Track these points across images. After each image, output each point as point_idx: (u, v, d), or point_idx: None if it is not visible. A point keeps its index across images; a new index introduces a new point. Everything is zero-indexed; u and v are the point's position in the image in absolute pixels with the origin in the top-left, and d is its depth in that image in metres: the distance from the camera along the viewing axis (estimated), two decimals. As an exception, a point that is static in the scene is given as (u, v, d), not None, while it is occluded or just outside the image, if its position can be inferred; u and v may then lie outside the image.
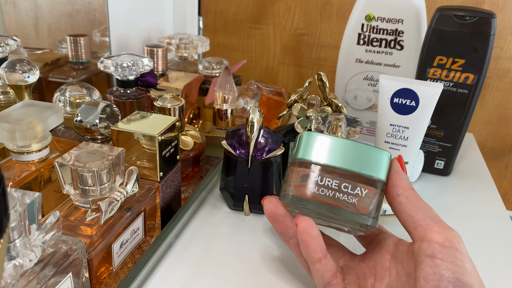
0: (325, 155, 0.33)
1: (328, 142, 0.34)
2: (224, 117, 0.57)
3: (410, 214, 0.31)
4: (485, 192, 0.56)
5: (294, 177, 0.34)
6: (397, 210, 0.32)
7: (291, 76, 0.98)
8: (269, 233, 0.45)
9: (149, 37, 0.81)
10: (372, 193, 0.33)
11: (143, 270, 0.37)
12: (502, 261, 0.44)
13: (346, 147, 0.33)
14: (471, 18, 0.51)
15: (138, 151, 0.42)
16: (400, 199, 0.32)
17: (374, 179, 0.33)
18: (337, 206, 0.32)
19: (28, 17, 0.64)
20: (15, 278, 0.26)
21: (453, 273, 0.28)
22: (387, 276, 0.33)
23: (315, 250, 0.31)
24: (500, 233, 0.48)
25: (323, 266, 0.32)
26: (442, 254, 0.28)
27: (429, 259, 0.29)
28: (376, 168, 0.33)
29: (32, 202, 0.26)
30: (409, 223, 0.31)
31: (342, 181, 0.33)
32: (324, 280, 0.32)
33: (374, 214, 0.33)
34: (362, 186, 0.33)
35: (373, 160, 0.33)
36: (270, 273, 0.40)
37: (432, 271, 0.28)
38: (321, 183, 0.33)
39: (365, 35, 0.61)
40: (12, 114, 0.36)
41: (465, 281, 0.27)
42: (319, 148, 0.34)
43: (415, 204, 0.31)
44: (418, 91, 0.48)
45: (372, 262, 0.35)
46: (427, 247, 0.29)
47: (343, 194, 0.32)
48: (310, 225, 0.31)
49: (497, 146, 0.93)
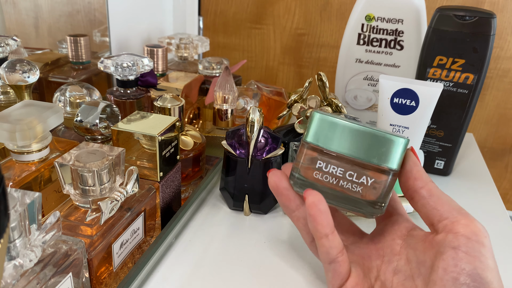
0: (333, 141, 0.32)
1: (339, 127, 0.32)
2: (224, 117, 0.57)
3: (435, 207, 0.31)
4: (485, 192, 0.56)
5: (303, 159, 0.33)
6: (420, 204, 0.32)
7: (291, 76, 0.98)
8: (269, 233, 0.45)
9: (149, 37, 0.81)
10: (380, 181, 0.32)
11: (143, 270, 0.37)
12: (502, 261, 0.44)
13: (357, 134, 0.32)
14: (471, 18, 0.51)
15: (138, 151, 0.42)
16: (423, 192, 0.31)
17: (383, 169, 0.32)
18: (341, 191, 0.32)
19: (28, 17, 0.64)
20: (15, 278, 0.26)
21: (475, 268, 0.27)
22: (396, 260, 0.33)
23: (322, 225, 0.30)
24: (500, 233, 0.48)
25: (329, 242, 0.31)
26: (467, 247, 0.28)
27: (453, 250, 0.28)
28: (387, 157, 0.32)
29: (32, 202, 0.26)
30: (433, 216, 0.31)
31: (348, 169, 0.32)
32: (329, 256, 0.32)
33: (382, 200, 0.32)
34: (370, 174, 0.32)
35: (385, 148, 0.32)
36: (270, 273, 0.40)
37: (453, 263, 0.28)
38: (326, 169, 0.32)
39: (365, 35, 0.61)
40: (12, 114, 0.36)
41: (485, 277, 0.27)
42: (329, 133, 0.33)
43: (439, 197, 0.31)
44: (418, 91, 0.48)
45: (381, 244, 0.34)
46: (452, 239, 0.29)
47: (347, 182, 0.32)
48: (318, 199, 0.30)
49: (497, 146, 0.93)
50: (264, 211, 0.48)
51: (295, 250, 0.43)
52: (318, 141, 0.33)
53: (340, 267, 0.32)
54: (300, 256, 0.42)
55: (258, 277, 0.39)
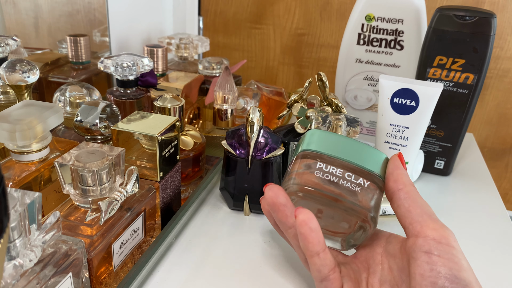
0: (329, 148, 0.34)
1: (332, 137, 0.35)
2: (224, 117, 0.57)
3: (408, 209, 0.31)
4: (485, 192, 0.56)
5: (298, 167, 0.34)
6: (396, 205, 0.32)
7: (291, 76, 0.98)
8: (269, 233, 0.45)
9: (149, 37, 0.81)
10: (373, 188, 0.33)
11: (143, 270, 0.37)
12: (502, 261, 0.44)
13: (348, 144, 0.35)
14: (471, 18, 0.51)
15: (138, 151, 0.42)
16: (400, 194, 0.32)
17: (375, 175, 0.34)
18: (340, 194, 0.32)
19: (28, 17, 0.64)
20: (15, 278, 0.26)
21: (450, 269, 0.28)
22: (379, 270, 0.33)
23: (313, 243, 0.30)
24: (500, 233, 0.48)
25: (321, 260, 0.31)
26: (439, 250, 0.28)
27: (426, 255, 0.28)
28: (377, 166, 0.34)
29: (32, 202, 0.26)
30: (406, 217, 0.31)
31: (346, 171, 0.33)
32: (321, 275, 0.32)
33: (374, 212, 0.33)
34: (364, 179, 0.33)
35: (373, 159, 0.34)
36: (270, 273, 0.40)
37: (429, 268, 0.28)
38: (326, 169, 0.33)
39: (365, 35, 0.61)
40: (12, 114, 0.36)
41: (462, 278, 0.27)
42: (323, 141, 0.35)
43: (415, 200, 0.31)
44: (418, 91, 0.48)
45: (363, 257, 0.35)
46: (423, 243, 0.29)
47: (347, 181, 0.33)
48: (309, 217, 0.30)
49: (497, 146, 0.93)
50: (264, 211, 0.48)
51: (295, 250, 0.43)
52: (315, 148, 0.35)
53: (332, 284, 0.32)
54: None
55: (258, 277, 0.39)
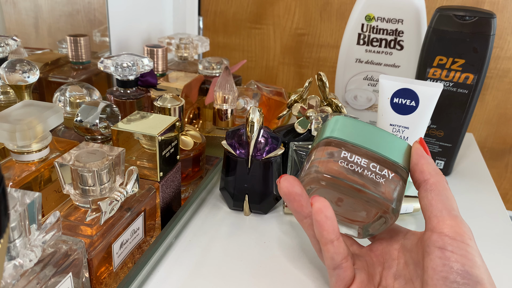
0: (352, 136, 0.33)
1: (355, 124, 0.34)
2: (224, 117, 0.57)
3: (430, 202, 0.31)
4: (485, 192, 0.56)
5: (320, 155, 0.33)
6: (421, 196, 0.32)
7: (291, 76, 0.98)
8: (269, 233, 0.45)
9: (149, 37, 0.81)
10: (397, 179, 0.32)
11: (143, 270, 0.37)
12: (502, 261, 0.44)
13: (372, 132, 0.33)
14: (471, 18, 0.51)
15: (138, 151, 0.42)
16: (427, 186, 0.31)
17: (399, 166, 0.32)
18: (363, 184, 0.31)
19: (28, 17, 0.64)
20: (15, 278, 0.26)
21: (463, 265, 0.28)
22: (395, 265, 0.33)
23: (328, 231, 0.31)
24: (500, 233, 0.48)
25: (334, 248, 0.31)
26: (453, 247, 0.28)
27: (439, 250, 0.28)
28: (400, 156, 0.33)
29: (32, 202, 0.26)
30: (426, 210, 0.31)
31: (370, 162, 0.32)
32: (334, 262, 0.32)
33: (396, 204, 0.32)
34: (389, 170, 0.32)
35: (396, 148, 0.33)
36: (270, 273, 0.40)
37: (441, 263, 0.28)
38: (351, 159, 0.32)
39: (365, 35, 0.61)
40: (12, 114, 0.36)
41: (474, 274, 0.27)
42: (347, 129, 0.34)
43: (439, 192, 0.31)
44: (418, 91, 0.48)
45: (380, 251, 0.35)
46: (437, 239, 0.29)
47: (371, 172, 0.32)
48: (325, 205, 0.30)
49: (497, 146, 0.93)
50: (264, 211, 0.48)
51: (295, 250, 0.43)
52: (341, 135, 0.33)
53: (344, 273, 0.32)
54: (300, 256, 0.42)
55: (258, 277, 0.39)
